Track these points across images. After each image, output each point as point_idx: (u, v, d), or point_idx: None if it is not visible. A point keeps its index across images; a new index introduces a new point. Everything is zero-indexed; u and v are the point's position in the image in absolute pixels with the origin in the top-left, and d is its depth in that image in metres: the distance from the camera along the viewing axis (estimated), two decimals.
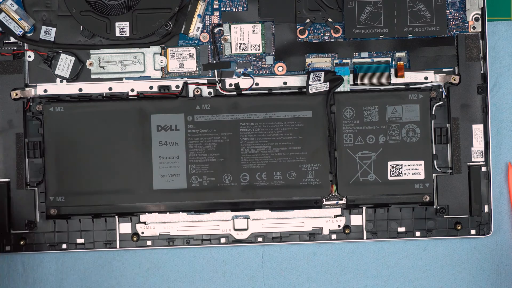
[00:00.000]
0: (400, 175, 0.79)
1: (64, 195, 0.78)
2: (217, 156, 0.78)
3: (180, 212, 0.80)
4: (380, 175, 0.79)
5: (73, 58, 0.79)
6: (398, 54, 0.80)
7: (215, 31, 0.80)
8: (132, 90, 0.80)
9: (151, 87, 0.80)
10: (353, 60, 0.80)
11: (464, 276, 0.82)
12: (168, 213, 0.80)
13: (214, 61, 0.80)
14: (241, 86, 0.80)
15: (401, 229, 0.80)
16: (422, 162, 0.79)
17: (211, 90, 0.80)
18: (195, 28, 0.79)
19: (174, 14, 0.78)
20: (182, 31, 0.79)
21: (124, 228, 0.80)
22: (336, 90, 0.78)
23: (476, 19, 0.79)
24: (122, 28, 0.77)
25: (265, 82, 0.80)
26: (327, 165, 0.78)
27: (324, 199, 0.80)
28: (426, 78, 0.80)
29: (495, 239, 0.82)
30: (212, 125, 0.78)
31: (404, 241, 0.81)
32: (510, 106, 0.82)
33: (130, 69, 0.80)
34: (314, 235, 0.80)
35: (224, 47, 0.80)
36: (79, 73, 0.80)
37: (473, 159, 0.79)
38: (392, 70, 0.80)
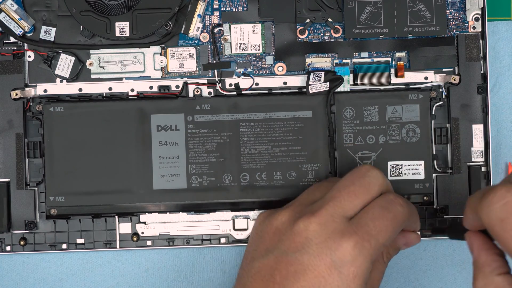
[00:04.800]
0: (400, 175, 0.79)
1: (64, 195, 0.78)
2: (217, 156, 0.78)
3: (180, 212, 0.80)
4: None
5: (73, 58, 0.79)
6: (398, 54, 0.80)
7: (215, 31, 0.80)
8: (132, 90, 0.80)
9: (151, 87, 0.80)
10: (353, 60, 0.80)
11: (464, 276, 0.82)
12: (168, 213, 0.80)
13: (214, 61, 0.80)
14: (241, 86, 0.80)
15: None
16: (422, 162, 0.79)
17: (211, 90, 0.80)
18: (195, 28, 0.79)
19: (174, 14, 0.78)
20: (182, 31, 0.79)
21: (124, 228, 0.80)
22: (336, 90, 0.78)
23: (476, 19, 0.79)
24: (122, 28, 0.77)
25: (265, 82, 0.80)
26: (327, 165, 0.79)
27: None
28: (426, 78, 0.80)
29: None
30: (212, 125, 0.79)
31: None
32: (510, 106, 0.82)
33: (130, 69, 0.80)
34: None
35: (224, 47, 0.80)
36: (79, 73, 0.80)
37: (473, 159, 0.79)
38: (392, 70, 0.80)
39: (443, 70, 0.80)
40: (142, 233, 0.80)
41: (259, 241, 0.71)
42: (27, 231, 0.80)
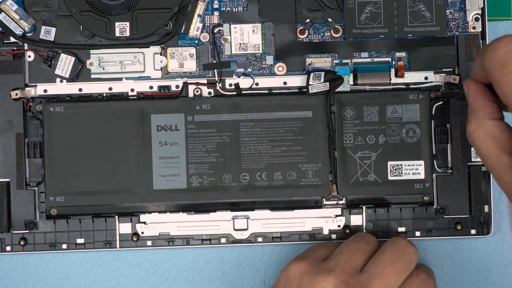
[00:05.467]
0: (400, 175, 0.79)
1: (64, 195, 0.78)
2: (217, 156, 0.78)
3: (180, 212, 0.80)
4: (380, 175, 0.79)
5: (73, 58, 0.79)
6: (398, 54, 0.80)
7: (215, 31, 0.80)
8: (132, 90, 0.80)
9: (151, 87, 0.80)
10: (353, 60, 0.80)
11: (464, 276, 0.82)
12: (168, 213, 0.80)
13: (214, 61, 0.80)
14: (241, 86, 0.80)
15: (401, 229, 0.80)
16: (422, 162, 0.79)
17: (211, 90, 0.80)
18: (195, 28, 0.79)
19: (174, 14, 0.78)
20: (182, 31, 0.79)
21: (124, 228, 0.80)
22: (336, 90, 0.78)
23: (476, 19, 0.79)
24: (122, 28, 0.77)
25: (265, 82, 0.80)
26: (327, 165, 0.78)
27: (324, 199, 0.80)
28: (426, 78, 0.80)
29: (495, 239, 0.82)
30: (212, 125, 0.79)
31: None
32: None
33: (130, 69, 0.80)
34: (314, 235, 0.80)
35: (224, 47, 0.80)
36: (79, 73, 0.80)
37: (473, 159, 0.79)
38: (392, 70, 0.80)
39: (443, 70, 0.80)
40: (142, 233, 0.80)
41: None
42: (27, 231, 0.80)
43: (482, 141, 0.61)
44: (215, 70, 0.79)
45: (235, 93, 0.79)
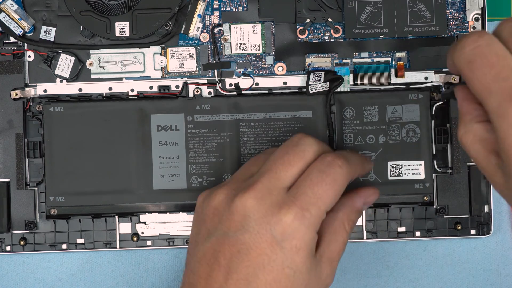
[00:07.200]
0: (400, 175, 0.79)
1: (64, 195, 0.78)
2: (217, 156, 0.78)
3: (180, 212, 0.80)
4: (380, 175, 0.79)
5: (73, 58, 0.79)
6: (398, 54, 0.80)
7: (215, 31, 0.80)
8: (132, 90, 0.80)
9: (151, 87, 0.80)
10: (353, 60, 0.80)
11: (464, 276, 0.82)
12: (168, 213, 0.80)
13: (214, 61, 0.80)
14: (241, 86, 0.80)
15: (401, 229, 0.80)
16: (422, 162, 0.79)
17: (211, 90, 0.80)
18: (195, 28, 0.79)
19: (174, 14, 0.78)
20: (182, 31, 0.79)
21: (124, 228, 0.80)
22: (336, 90, 0.78)
23: (476, 19, 0.79)
24: (122, 28, 0.77)
25: (265, 82, 0.80)
26: None
27: None
28: (426, 78, 0.80)
29: (495, 239, 0.82)
30: (212, 125, 0.79)
31: (404, 241, 0.82)
32: None
33: (130, 69, 0.80)
34: None
35: (224, 47, 0.80)
36: (79, 73, 0.80)
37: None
38: (392, 70, 0.80)
39: (443, 70, 0.80)
40: (142, 233, 0.80)
41: (201, 224, 0.68)
42: (27, 231, 0.80)
43: (471, 145, 0.61)
44: (215, 70, 0.79)
45: (235, 93, 0.79)
